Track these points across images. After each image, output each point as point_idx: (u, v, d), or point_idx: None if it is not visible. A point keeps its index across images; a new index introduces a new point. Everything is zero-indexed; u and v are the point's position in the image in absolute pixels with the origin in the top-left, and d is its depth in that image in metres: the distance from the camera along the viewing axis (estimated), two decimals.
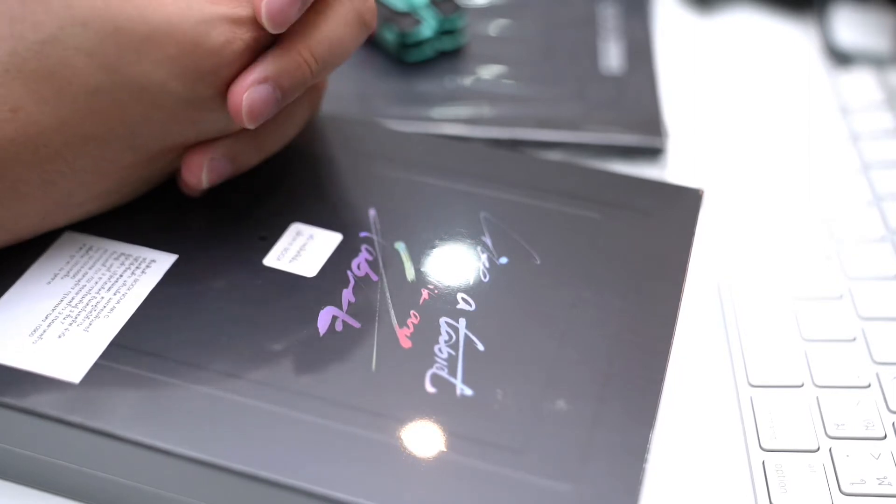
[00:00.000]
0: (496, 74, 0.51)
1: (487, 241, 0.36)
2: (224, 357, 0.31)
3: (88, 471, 0.31)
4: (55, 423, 0.30)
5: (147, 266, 0.34)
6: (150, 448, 0.29)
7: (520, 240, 0.36)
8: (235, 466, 0.29)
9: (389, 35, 0.51)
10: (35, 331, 0.32)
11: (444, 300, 0.34)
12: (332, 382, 0.31)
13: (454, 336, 0.33)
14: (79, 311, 0.33)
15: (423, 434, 0.30)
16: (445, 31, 0.51)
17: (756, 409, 0.36)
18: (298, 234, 0.36)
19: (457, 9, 0.51)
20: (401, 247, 0.36)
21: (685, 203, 0.38)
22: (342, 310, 0.33)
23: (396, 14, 0.51)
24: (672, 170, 0.47)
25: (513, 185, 0.38)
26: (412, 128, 0.47)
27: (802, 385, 0.37)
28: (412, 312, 0.33)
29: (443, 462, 0.29)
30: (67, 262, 0.34)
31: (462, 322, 0.33)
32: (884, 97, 0.50)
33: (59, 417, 0.30)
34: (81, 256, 0.34)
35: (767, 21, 0.57)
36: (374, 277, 0.34)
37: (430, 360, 0.32)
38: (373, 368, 0.32)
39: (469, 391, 0.31)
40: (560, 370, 0.32)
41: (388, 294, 0.34)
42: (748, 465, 0.35)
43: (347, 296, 0.34)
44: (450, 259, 0.35)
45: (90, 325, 0.32)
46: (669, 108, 0.50)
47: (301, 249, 0.35)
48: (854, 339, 0.38)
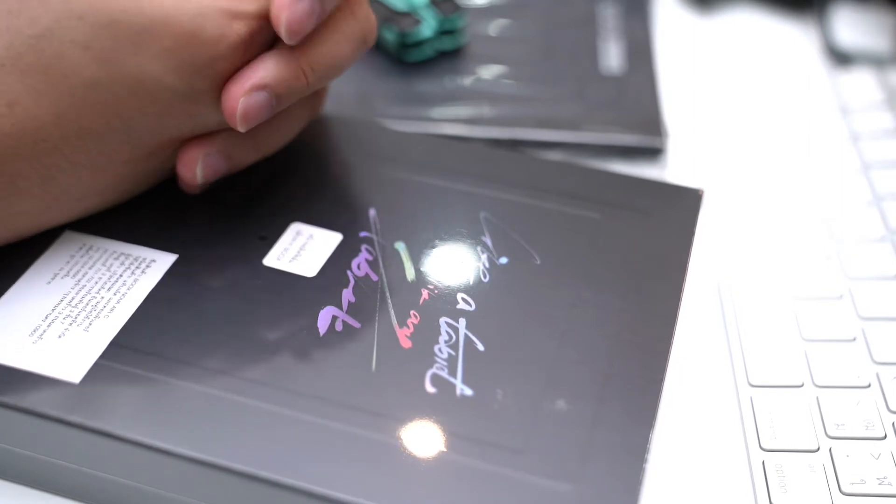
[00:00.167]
0: (496, 74, 0.51)
1: (487, 241, 0.36)
2: (224, 357, 0.31)
3: (88, 471, 0.31)
4: (55, 423, 0.30)
5: (147, 266, 0.34)
6: (150, 448, 0.29)
7: (520, 240, 0.36)
8: (235, 466, 0.29)
9: (389, 35, 0.51)
10: (35, 331, 0.32)
11: (444, 300, 0.34)
12: (332, 382, 0.31)
13: (454, 336, 0.33)
14: (79, 311, 0.33)
15: (423, 434, 0.30)
16: (445, 31, 0.51)
17: (756, 409, 0.36)
18: (298, 234, 0.36)
19: (457, 9, 0.51)
20: (401, 247, 0.36)
21: (685, 203, 0.38)
22: (342, 310, 0.33)
23: (396, 14, 0.51)
24: (672, 170, 0.47)
25: (513, 185, 0.38)
26: (412, 128, 0.47)
27: (802, 385, 0.37)
28: (412, 312, 0.33)
29: (443, 462, 0.29)
30: (67, 262, 0.34)
31: (462, 322, 0.33)
32: (884, 97, 0.50)
33: (59, 417, 0.30)
34: (81, 256, 0.34)
35: (767, 21, 0.57)
36: (374, 277, 0.34)
37: (430, 360, 0.32)
38: (373, 368, 0.32)
39: (469, 391, 0.31)
40: (560, 370, 0.32)
41: (388, 294, 0.34)
42: (748, 465, 0.35)
43: (347, 296, 0.34)
44: (450, 259, 0.35)
45: (90, 325, 0.32)
46: (669, 108, 0.50)
47: (301, 249, 0.35)
48: (854, 339, 0.38)
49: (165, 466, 0.29)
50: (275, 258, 0.35)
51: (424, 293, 0.34)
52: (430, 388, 0.31)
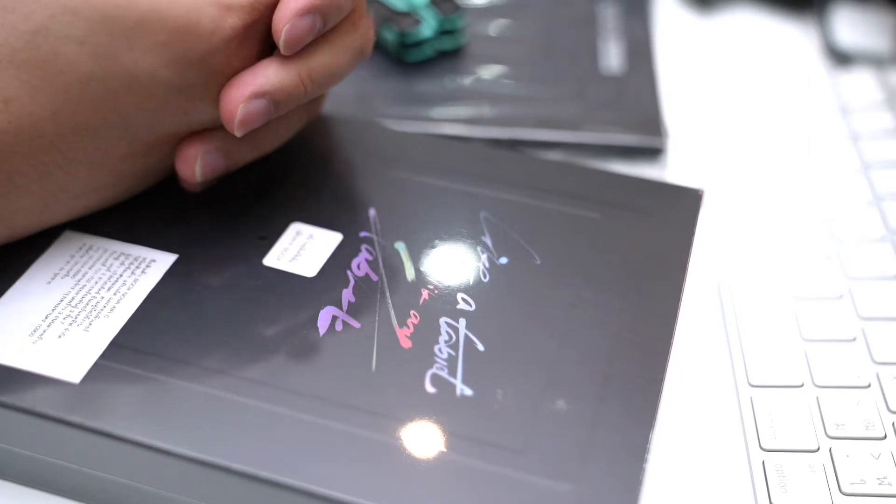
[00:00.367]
0: (496, 74, 0.51)
1: (487, 241, 0.36)
2: (224, 357, 0.31)
3: (88, 471, 0.31)
4: (55, 423, 0.30)
5: (147, 266, 0.34)
6: (150, 448, 0.29)
7: (520, 240, 0.36)
8: (235, 466, 0.29)
9: (389, 35, 0.51)
10: (35, 331, 0.32)
11: (444, 300, 0.34)
12: (332, 382, 0.31)
13: (454, 336, 0.33)
14: (79, 311, 0.33)
15: (423, 434, 0.30)
16: (445, 31, 0.51)
17: (756, 409, 0.36)
18: (298, 234, 0.36)
19: (457, 9, 0.51)
20: (401, 247, 0.36)
21: (685, 203, 0.38)
22: (342, 310, 0.33)
23: (396, 14, 0.51)
24: (672, 170, 0.47)
25: (513, 185, 0.38)
26: (412, 128, 0.47)
27: (802, 385, 0.37)
28: (412, 312, 0.33)
29: (443, 462, 0.29)
30: (67, 262, 0.34)
31: (462, 322, 0.33)
32: (884, 97, 0.50)
33: (59, 417, 0.30)
34: (81, 256, 0.34)
35: (767, 21, 0.57)
36: (374, 277, 0.34)
37: (430, 360, 0.32)
38: (373, 368, 0.32)
39: (469, 391, 0.31)
40: (560, 370, 0.32)
41: (388, 294, 0.34)
42: (748, 465, 0.35)
43: (347, 296, 0.34)
44: (450, 259, 0.35)
45: (90, 325, 0.32)
46: (669, 108, 0.50)
47: (301, 249, 0.35)
48: (854, 339, 0.38)
49: (165, 466, 0.29)
50: (275, 258, 0.35)
51: (424, 293, 0.34)
52: (430, 388, 0.31)
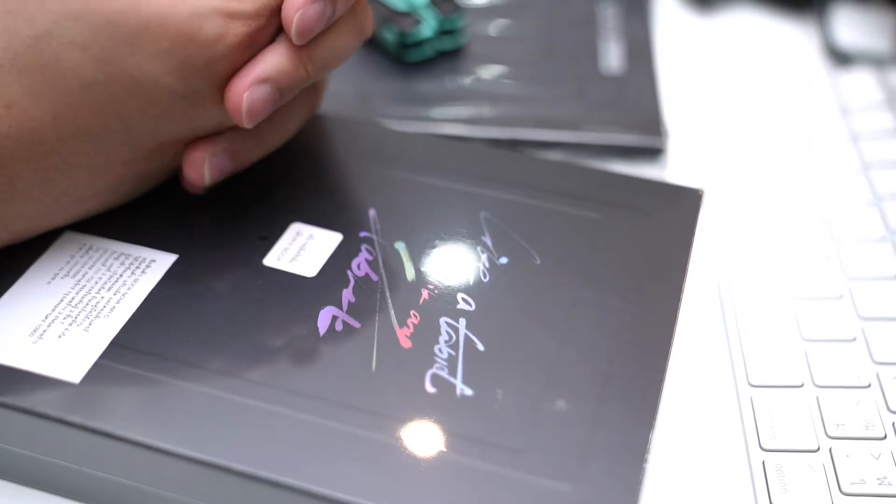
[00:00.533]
0: (496, 74, 0.51)
1: (487, 241, 0.36)
2: (224, 357, 0.31)
3: (88, 471, 0.31)
4: (55, 423, 0.30)
5: (147, 266, 0.34)
6: (150, 448, 0.29)
7: (520, 240, 0.36)
8: (235, 466, 0.29)
9: (389, 35, 0.51)
10: (35, 331, 0.32)
11: (444, 300, 0.34)
12: (332, 382, 0.31)
13: (454, 336, 0.33)
14: (79, 311, 0.33)
15: (423, 434, 0.30)
16: (445, 31, 0.51)
17: (756, 409, 0.36)
18: (298, 234, 0.36)
19: (457, 9, 0.51)
20: (401, 247, 0.36)
21: (685, 203, 0.38)
22: (342, 310, 0.33)
23: (396, 14, 0.51)
24: (672, 170, 0.47)
25: (513, 185, 0.38)
26: (412, 128, 0.47)
27: (802, 385, 0.37)
28: (412, 312, 0.33)
29: (443, 462, 0.29)
30: (67, 262, 0.34)
31: (462, 322, 0.33)
32: (884, 97, 0.50)
33: (59, 417, 0.30)
34: (81, 256, 0.34)
35: (767, 21, 0.57)
36: (374, 277, 0.34)
37: (430, 360, 0.32)
38: (373, 368, 0.32)
39: (469, 391, 0.31)
40: (560, 370, 0.32)
41: (388, 294, 0.34)
42: (748, 465, 0.35)
43: (347, 296, 0.34)
44: (450, 259, 0.35)
45: (90, 325, 0.32)
46: (669, 108, 0.50)
47: (301, 249, 0.35)
48: (854, 339, 0.38)
49: (165, 466, 0.29)
50: (275, 258, 0.35)
51: (424, 293, 0.34)
52: (430, 388, 0.31)
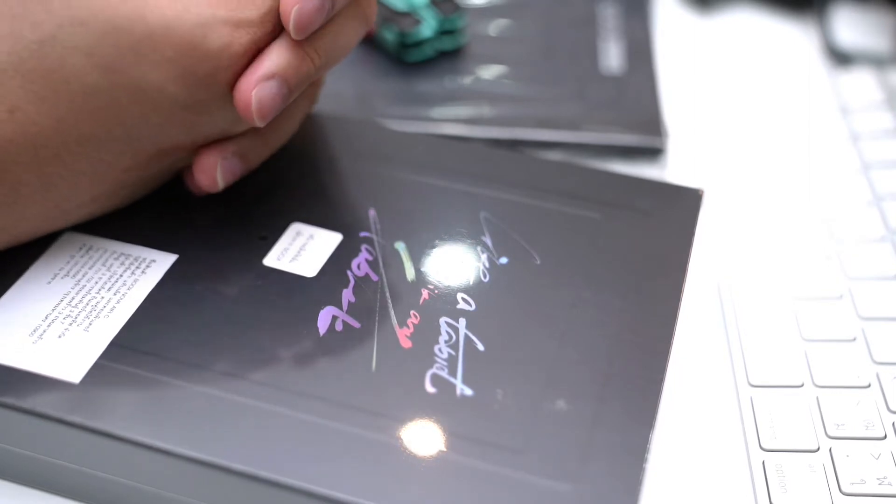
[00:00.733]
0: (496, 74, 0.51)
1: (487, 241, 0.36)
2: (224, 357, 0.31)
3: (88, 471, 0.31)
4: (55, 423, 0.30)
5: (147, 266, 0.34)
6: (150, 448, 0.29)
7: (520, 240, 0.36)
8: (235, 466, 0.29)
9: (389, 35, 0.51)
10: (35, 331, 0.32)
11: (444, 300, 0.34)
12: (332, 382, 0.31)
13: (454, 336, 0.33)
14: (79, 311, 0.33)
15: (423, 434, 0.30)
16: (445, 31, 0.51)
17: (756, 409, 0.36)
18: (298, 234, 0.36)
19: (457, 9, 0.51)
20: (401, 247, 0.36)
21: (685, 203, 0.38)
22: (342, 310, 0.33)
23: (396, 14, 0.51)
24: (672, 170, 0.47)
25: (513, 185, 0.38)
26: (412, 128, 0.47)
27: (802, 385, 0.37)
28: (412, 312, 0.33)
29: (443, 462, 0.29)
30: (67, 262, 0.34)
31: (462, 322, 0.33)
32: (884, 97, 0.50)
33: (59, 417, 0.30)
34: (81, 256, 0.34)
35: (767, 21, 0.57)
36: (374, 277, 0.34)
37: (430, 360, 0.32)
38: (373, 368, 0.32)
39: (469, 391, 0.31)
40: (560, 370, 0.32)
41: (388, 294, 0.34)
42: (748, 465, 0.35)
43: (347, 296, 0.34)
44: (450, 259, 0.35)
45: (90, 325, 0.32)
46: (669, 108, 0.50)
47: (301, 249, 0.35)
48: (854, 339, 0.38)
49: (165, 466, 0.29)
50: (275, 258, 0.35)
51: (424, 293, 0.34)
52: (430, 388, 0.31)
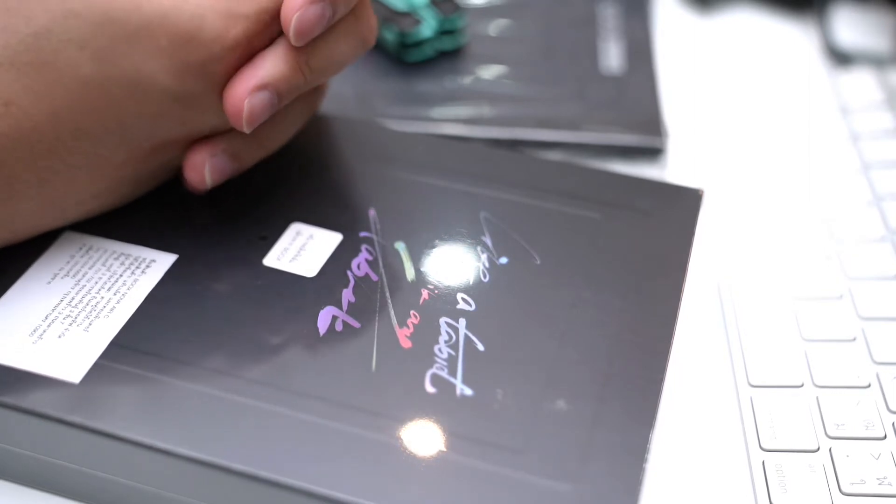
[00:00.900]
0: (496, 74, 0.51)
1: (487, 241, 0.36)
2: (224, 357, 0.31)
3: (88, 471, 0.31)
4: (55, 423, 0.30)
5: (147, 266, 0.34)
6: (150, 448, 0.29)
7: (520, 240, 0.36)
8: (235, 466, 0.29)
9: (389, 35, 0.51)
10: (35, 331, 0.32)
11: (444, 300, 0.34)
12: (332, 382, 0.31)
13: (454, 336, 0.33)
14: (79, 311, 0.33)
15: (423, 434, 0.30)
16: (445, 31, 0.51)
17: (756, 409, 0.36)
18: (298, 234, 0.36)
19: (457, 9, 0.51)
20: (401, 247, 0.36)
21: (685, 203, 0.38)
22: (342, 310, 0.33)
23: (396, 14, 0.51)
24: (672, 170, 0.47)
25: (513, 185, 0.38)
26: (412, 128, 0.47)
27: (802, 385, 0.37)
28: (412, 312, 0.33)
29: (443, 462, 0.29)
30: (67, 262, 0.34)
31: (462, 322, 0.33)
32: (884, 97, 0.50)
33: (59, 417, 0.30)
34: (81, 256, 0.34)
35: (767, 21, 0.57)
36: (374, 277, 0.34)
37: (430, 360, 0.32)
38: (373, 368, 0.32)
39: (469, 391, 0.31)
40: (560, 370, 0.32)
41: (388, 294, 0.34)
42: (748, 465, 0.35)
43: (347, 296, 0.34)
44: (450, 259, 0.35)
45: (90, 325, 0.32)
46: (669, 108, 0.50)
47: (301, 249, 0.35)
48: (854, 339, 0.38)
49: (165, 466, 0.29)
50: (275, 258, 0.35)
51: (424, 293, 0.34)
52: (430, 388, 0.31)
